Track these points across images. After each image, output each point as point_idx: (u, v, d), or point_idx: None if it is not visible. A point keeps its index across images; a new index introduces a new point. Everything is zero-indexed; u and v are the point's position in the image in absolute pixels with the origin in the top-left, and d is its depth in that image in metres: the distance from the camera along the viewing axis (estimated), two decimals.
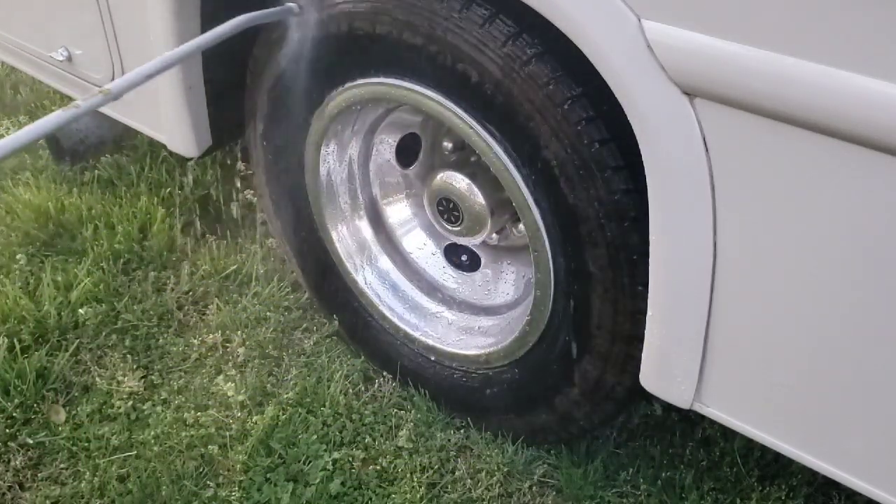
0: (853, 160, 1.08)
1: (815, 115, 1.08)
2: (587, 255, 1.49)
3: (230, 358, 2.09)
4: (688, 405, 1.42)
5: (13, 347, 2.04)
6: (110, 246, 2.35)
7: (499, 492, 1.80)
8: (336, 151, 1.89)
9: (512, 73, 1.42)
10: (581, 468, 1.83)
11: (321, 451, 1.86)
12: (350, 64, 1.67)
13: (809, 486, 1.80)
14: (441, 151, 1.93)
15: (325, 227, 1.98)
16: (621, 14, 1.20)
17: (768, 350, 1.31)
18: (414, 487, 1.79)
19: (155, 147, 2.70)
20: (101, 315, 2.17)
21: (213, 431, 1.89)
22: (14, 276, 2.27)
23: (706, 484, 1.81)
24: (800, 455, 1.34)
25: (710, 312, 1.32)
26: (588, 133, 1.40)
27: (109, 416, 1.95)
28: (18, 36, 2.40)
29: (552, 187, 1.47)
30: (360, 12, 1.57)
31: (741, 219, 1.23)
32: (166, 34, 1.85)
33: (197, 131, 2.01)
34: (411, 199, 2.01)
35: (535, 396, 1.76)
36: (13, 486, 1.81)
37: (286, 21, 1.70)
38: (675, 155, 1.23)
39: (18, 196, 2.52)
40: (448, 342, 1.90)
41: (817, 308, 1.22)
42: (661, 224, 1.31)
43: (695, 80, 1.17)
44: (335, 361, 2.07)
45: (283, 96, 1.82)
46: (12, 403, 1.93)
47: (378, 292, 1.99)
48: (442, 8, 1.46)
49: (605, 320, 1.54)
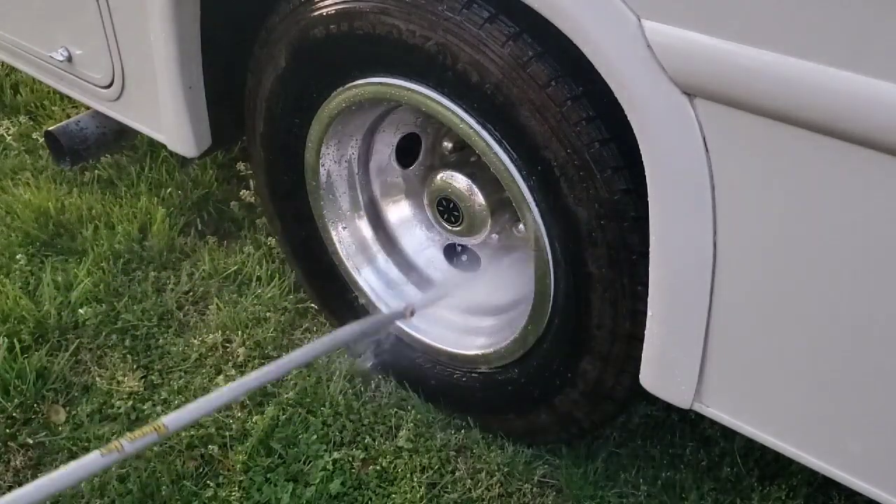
0: (853, 160, 1.08)
1: (815, 115, 1.08)
2: (587, 255, 1.49)
3: (230, 358, 2.09)
4: (688, 405, 1.42)
5: (13, 347, 2.04)
6: (110, 246, 2.35)
7: (499, 492, 1.80)
8: (336, 151, 1.89)
9: (512, 73, 1.42)
10: (581, 468, 1.83)
11: (321, 451, 1.86)
12: (350, 64, 1.67)
13: (809, 486, 1.80)
14: (441, 151, 1.93)
15: (325, 226, 1.98)
16: (621, 14, 1.20)
17: (768, 350, 1.31)
18: (414, 487, 1.79)
19: (155, 147, 2.70)
20: (101, 315, 2.17)
21: (213, 431, 1.89)
22: (14, 276, 2.27)
23: (706, 484, 1.81)
24: (800, 455, 1.34)
25: (710, 312, 1.32)
26: (588, 133, 1.40)
27: (109, 416, 1.95)
28: (18, 36, 2.40)
29: (552, 187, 1.47)
30: (360, 12, 1.57)
31: (741, 219, 1.23)
32: (166, 34, 1.85)
33: (197, 131, 2.01)
34: (411, 199, 2.01)
35: (535, 396, 1.76)
36: (13, 486, 1.80)
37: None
38: (675, 155, 1.23)
39: (18, 196, 2.52)
40: (448, 342, 1.90)
41: (817, 308, 1.22)
42: (661, 224, 1.31)
43: (695, 80, 1.17)
44: (335, 361, 2.07)
45: (283, 96, 1.82)
46: (12, 403, 1.93)
47: (378, 292, 1.99)
48: (442, 8, 1.46)
49: (605, 320, 1.54)
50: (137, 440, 1.42)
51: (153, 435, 1.44)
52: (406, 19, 1.51)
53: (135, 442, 1.42)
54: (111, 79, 2.14)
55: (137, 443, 1.42)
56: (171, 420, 1.49)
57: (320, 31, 1.65)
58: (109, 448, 1.41)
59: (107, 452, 1.40)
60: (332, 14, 1.62)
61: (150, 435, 1.44)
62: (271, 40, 1.77)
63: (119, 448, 1.40)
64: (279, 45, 1.75)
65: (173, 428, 1.50)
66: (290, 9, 1.70)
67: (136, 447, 1.43)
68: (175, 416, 1.51)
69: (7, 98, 3.06)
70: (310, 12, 1.65)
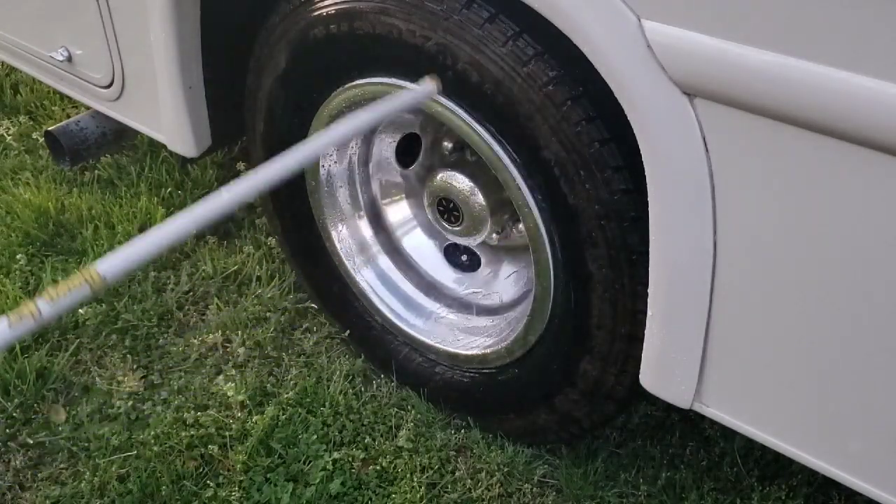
0: (853, 160, 1.08)
1: (814, 115, 1.08)
2: (587, 255, 1.49)
3: (230, 358, 2.09)
4: (688, 405, 1.42)
5: (13, 347, 2.04)
6: (110, 246, 2.35)
7: (499, 492, 1.80)
8: (336, 151, 1.89)
9: (512, 73, 1.42)
10: (581, 468, 1.83)
11: (321, 451, 1.86)
12: (350, 64, 1.67)
13: (809, 486, 1.80)
14: (441, 151, 1.93)
15: (325, 226, 1.98)
16: (621, 14, 1.20)
17: (768, 350, 1.31)
18: (414, 487, 1.79)
19: (155, 147, 2.70)
20: (101, 315, 2.17)
21: (213, 431, 1.89)
22: (14, 276, 2.28)
23: (706, 484, 1.81)
24: (800, 455, 1.34)
25: (710, 312, 1.32)
26: (588, 133, 1.40)
27: (109, 416, 1.95)
28: (18, 36, 2.40)
29: (552, 187, 1.47)
30: (360, 12, 1.57)
31: (741, 219, 1.23)
32: (166, 34, 1.85)
33: (197, 131, 2.01)
34: (411, 199, 2.01)
35: (535, 396, 1.76)
36: (13, 486, 1.81)
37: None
38: (675, 155, 1.23)
39: (18, 196, 2.52)
40: (448, 342, 1.90)
41: (817, 308, 1.22)
42: (661, 224, 1.31)
43: (695, 80, 1.17)
44: (335, 361, 2.07)
45: (283, 96, 1.82)
46: (12, 403, 1.93)
47: (378, 292, 1.99)
48: (442, 8, 1.46)
49: (605, 320, 1.54)
50: (60, 298, 1.08)
51: (84, 287, 1.10)
52: (406, 19, 1.51)
53: (57, 301, 1.08)
54: (111, 79, 2.14)
55: (61, 302, 1.08)
56: (107, 267, 1.14)
57: (320, 31, 1.65)
58: (20, 314, 1.07)
59: (17, 321, 1.06)
60: (332, 14, 1.62)
61: (81, 288, 1.10)
62: (271, 40, 1.77)
63: (34, 314, 1.06)
64: (279, 45, 1.75)
65: (110, 278, 1.15)
66: (290, 9, 1.70)
67: (58, 308, 1.09)
68: (109, 262, 1.17)
69: (7, 98, 3.06)
70: (310, 12, 1.66)
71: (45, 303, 1.09)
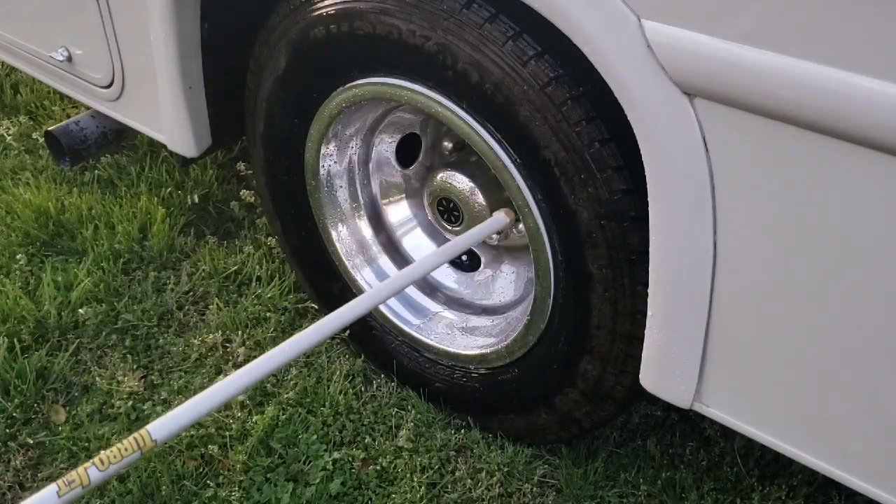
0: (853, 160, 1.08)
1: (814, 115, 1.08)
2: (587, 255, 1.49)
3: (230, 358, 2.09)
4: (688, 405, 1.42)
5: (13, 347, 2.04)
6: (110, 246, 2.35)
7: (499, 492, 1.80)
8: (336, 151, 1.89)
9: (512, 73, 1.42)
10: (581, 468, 1.83)
11: (321, 451, 1.86)
12: (350, 64, 1.67)
13: (809, 486, 1.80)
14: (441, 151, 1.93)
15: (325, 226, 1.98)
16: (621, 14, 1.20)
17: (768, 350, 1.31)
18: (414, 487, 1.79)
19: (155, 147, 2.70)
20: (101, 315, 2.17)
21: (213, 431, 1.89)
22: (14, 276, 2.28)
23: (706, 484, 1.81)
24: (800, 455, 1.34)
25: (710, 312, 1.32)
26: (588, 133, 1.40)
27: (109, 416, 1.95)
28: (18, 36, 2.40)
29: (552, 187, 1.47)
30: (360, 12, 1.57)
31: (741, 219, 1.23)
32: (166, 34, 1.85)
33: (197, 131, 2.01)
34: (411, 199, 2.01)
35: (535, 396, 1.76)
36: (13, 486, 1.81)
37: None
38: (675, 155, 1.23)
39: (18, 196, 2.52)
40: (448, 342, 1.90)
41: (817, 308, 1.22)
42: (661, 224, 1.31)
43: (695, 80, 1.17)
44: (335, 361, 2.07)
45: (283, 96, 1.82)
46: (12, 403, 1.93)
47: None
48: (442, 8, 1.46)
49: (605, 320, 1.54)
50: (111, 464, 1.11)
51: (136, 453, 1.15)
52: (406, 19, 1.51)
53: (108, 468, 1.11)
54: (111, 79, 2.14)
55: (111, 468, 1.11)
56: (159, 429, 1.22)
57: (320, 31, 1.65)
58: (70, 480, 1.08)
59: (66, 489, 1.07)
60: (332, 14, 1.62)
61: (132, 454, 1.14)
62: (271, 40, 1.77)
63: (83, 481, 1.07)
64: (279, 45, 1.75)
65: (161, 440, 1.22)
66: (290, 9, 1.70)
67: (107, 474, 1.12)
68: (162, 424, 1.25)
69: (7, 98, 3.06)
70: (310, 12, 1.66)
71: (96, 469, 1.11)
